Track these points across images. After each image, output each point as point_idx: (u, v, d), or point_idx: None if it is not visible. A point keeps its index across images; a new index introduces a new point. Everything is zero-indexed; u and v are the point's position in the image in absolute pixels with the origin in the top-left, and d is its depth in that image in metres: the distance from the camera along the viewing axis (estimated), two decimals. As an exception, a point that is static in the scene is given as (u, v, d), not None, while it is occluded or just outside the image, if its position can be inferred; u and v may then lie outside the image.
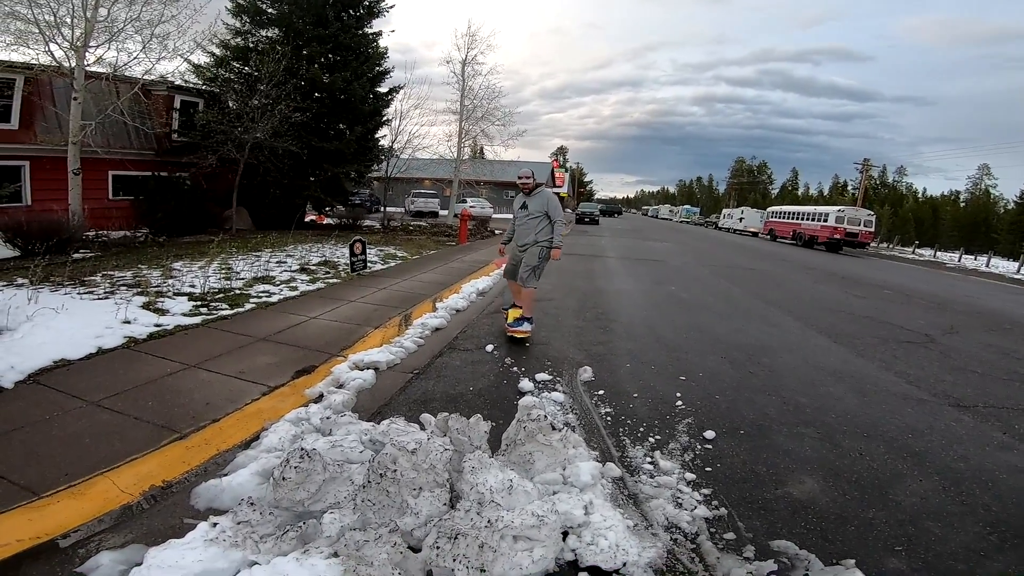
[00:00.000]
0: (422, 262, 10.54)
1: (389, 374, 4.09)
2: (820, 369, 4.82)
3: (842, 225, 25.51)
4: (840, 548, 2.24)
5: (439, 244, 14.62)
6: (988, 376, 4.98)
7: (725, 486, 2.70)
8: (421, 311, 6.02)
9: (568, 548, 2.13)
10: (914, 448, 3.25)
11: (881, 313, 8.16)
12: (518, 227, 5.35)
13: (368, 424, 3.04)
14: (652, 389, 4.00)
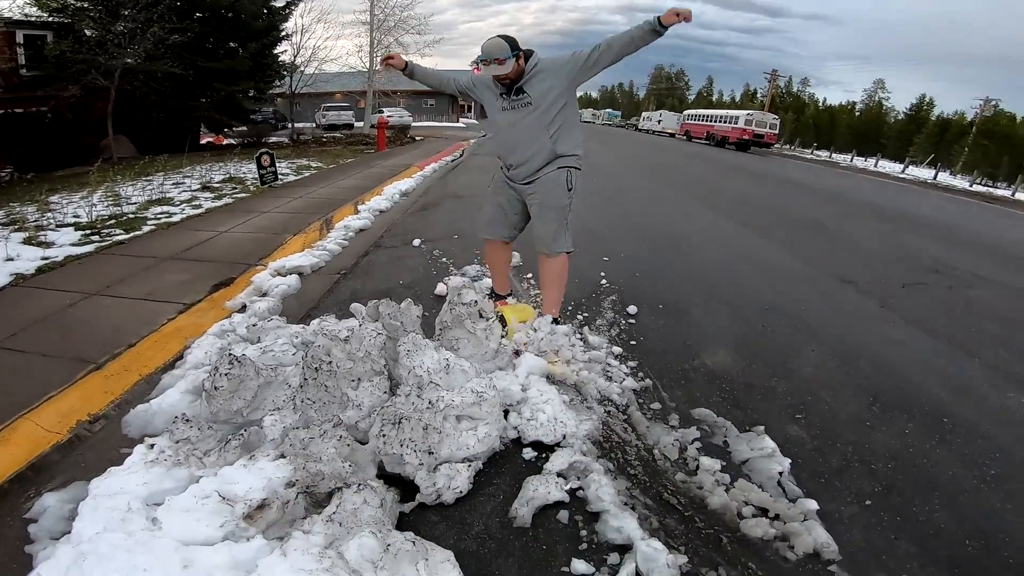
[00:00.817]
0: (340, 170, 9.93)
1: (314, 277, 3.95)
2: (730, 252, 5.22)
3: (750, 127, 27.51)
4: (750, 416, 2.44)
5: (357, 153, 13.84)
6: (871, 257, 5.62)
7: (649, 358, 2.89)
8: (343, 214, 5.76)
9: (511, 426, 2.18)
10: (808, 321, 3.62)
11: (782, 203, 8.87)
12: (505, 139, 2.84)
13: (298, 327, 2.94)
14: (578, 270, 4.16)
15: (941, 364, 3.12)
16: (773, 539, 1.73)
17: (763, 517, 1.82)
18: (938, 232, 7.79)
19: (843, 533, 1.75)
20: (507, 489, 1.88)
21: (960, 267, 5.43)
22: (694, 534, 1.74)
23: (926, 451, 2.26)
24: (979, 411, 2.62)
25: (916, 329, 3.63)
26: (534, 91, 2.67)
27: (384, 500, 1.69)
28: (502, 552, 1.63)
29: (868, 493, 1.97)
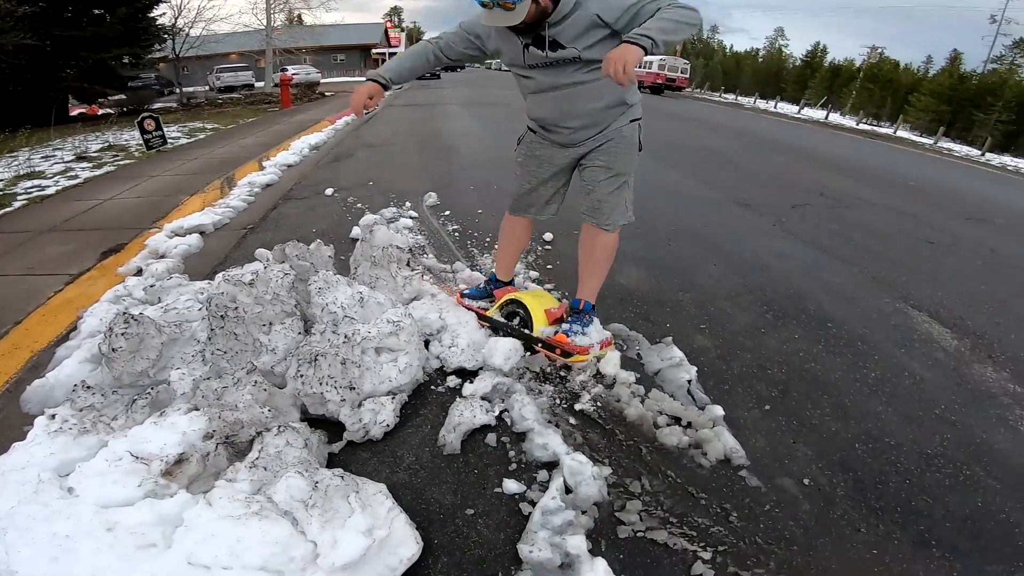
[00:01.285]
0: (240, 129, 9.22)
1: (218, 235, 3.72)
2: (643, 180, 5.42)
3: (664, 72, 28.39)
4: (660, 328, 2.60)
5: (259, 112, 12.88)
6: (767, 183, 6.07)
7: (565, 281, 2.98)
8: (245, 171, 5.40)
9: (432, 355, 2.18)
10: (711, 239, 3.90)
11: (692, 139, 9.31)
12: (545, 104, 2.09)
13: (202, 283, 2.78)
14: (496, 206, 4.21)
15: (824, 274, 3.48)
16: (687, 447, 1.83)
17: (676, 426, 1.92)
18: (825, 163, 8.51)
19: (748, 438, 1.90)
20: (434, 419, 1.89)
21: (842, 191, 6.01)
22: (616, 446, 1.82)
23: (814, 355, 2.51)
24: (858, 316, 2.94)
25: (803, 243, 4.01)
26: (580, 43, 1.87)
27: (309, 441, 1.67)
28: (435, 480, 1.65)
29: (766, 398, 2.17)
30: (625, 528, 1.52)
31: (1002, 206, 6.70)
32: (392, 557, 1.34)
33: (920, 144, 18.33)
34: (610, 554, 1.43)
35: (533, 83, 2.04)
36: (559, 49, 1.88)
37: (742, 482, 1.72)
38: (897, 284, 3.42)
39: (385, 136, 7.43)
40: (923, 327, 2.89)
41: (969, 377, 2.47)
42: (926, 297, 3.26)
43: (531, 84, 2.05)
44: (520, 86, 2.15)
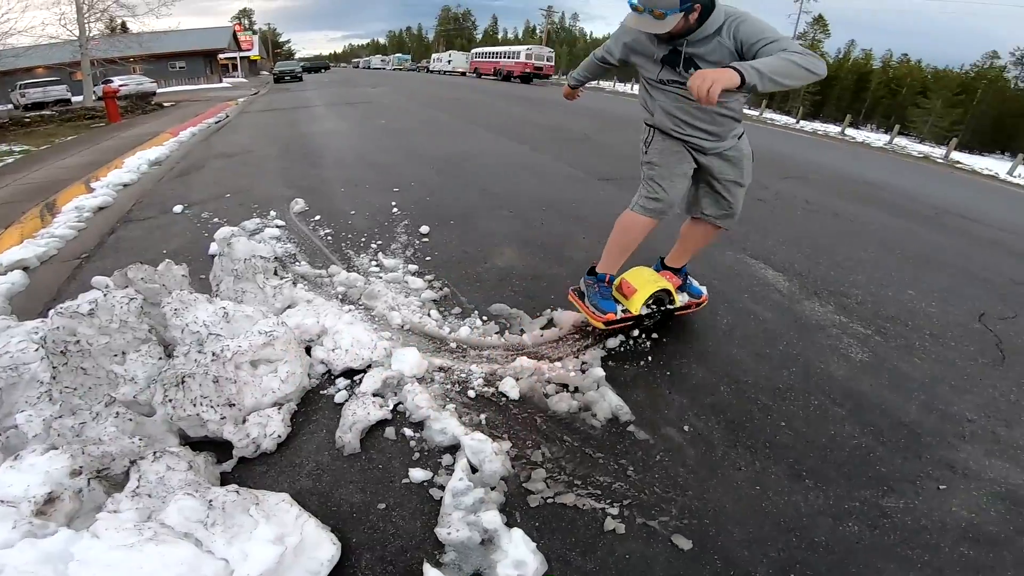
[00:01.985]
0: (58, 149, 7.97)
1: (46, 268, 3.24)
2: (511, 165, 5.67)
3: (531, 61, 29.62)
4: (539, 302, 2.74)
5: (80, 129, 11.21)
6: (623, 159, 6.56)
7: (444, 270, 3.04)
8: (71, 195, 4.70)
9: (316, 360, 2.13)
10: (578, 214, 4.15)
11: (555, 123, 9.81)
12: (672, 105, 2.11)
13: (35, 322, 2.41)
14: (368, 204, 4.14)
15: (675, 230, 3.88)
16: (578, 411, 1.94)
17: (565, 392, 2.02)
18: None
19: (630, 394, 2.06)
20: (328, 422, 1.86)
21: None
22: (512, 420, 1.88)
23: (710, 329, 2.70)
24: (709, 269, 3.31)
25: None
26: (711, 59, 1.85)
27: (194, 463, 1.60)
28: (341, 481, 1.63)
29: (642, 352, 2.37)
30: (535, 497, 1.60)
31: (814, 165, 7.93)
32: (311, 561, 1.33)
33: (749, 116, 20.91)
34: (525, 523, 1.50)
35: (669, 94, 2.07)
36: (692, 68, 1.87)
37: (632, 437, 1.87)
38: (736, 239, 3.92)
39: (242, 144, 6.87)
40: (760, 273, 3.36)
41: (801, 313, 2.91)
42: (760, 247, 3.79)
43: (667, 96, 2.09)
44: (655, 100, 2.15)
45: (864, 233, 4.49)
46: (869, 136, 21.01)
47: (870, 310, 3.04)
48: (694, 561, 1.46)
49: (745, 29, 1.78)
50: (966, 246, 4.71)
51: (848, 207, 5.32)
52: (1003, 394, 2.40)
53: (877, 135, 23.56)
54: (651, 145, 2.24)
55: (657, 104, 2.15)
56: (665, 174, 2.21)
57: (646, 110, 2.24)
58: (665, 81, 2.05)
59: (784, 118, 24.06)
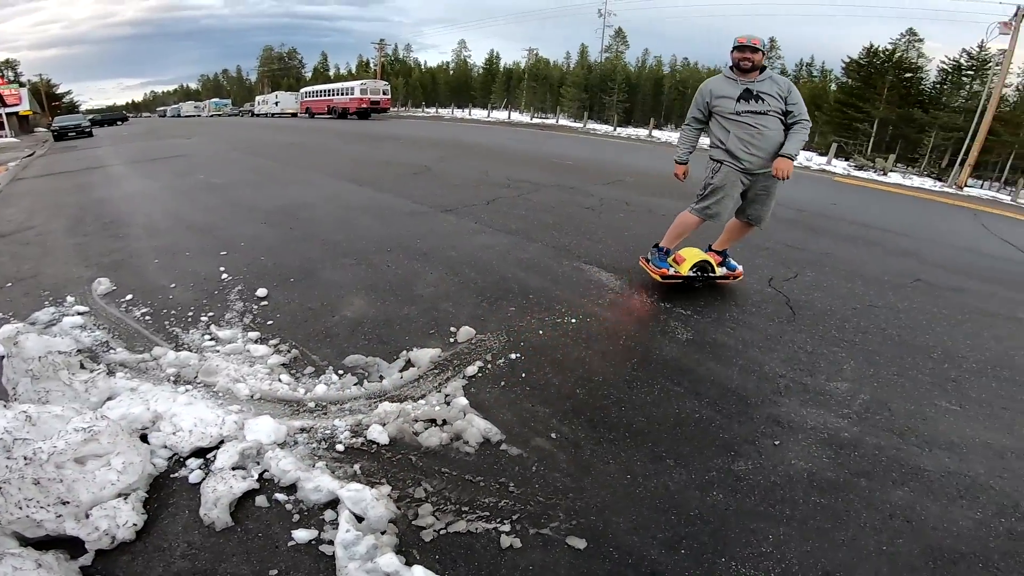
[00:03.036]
0: None
1: None
2: (351, 209, 5.52)
3: (366, 96, 29.29)
4: (394, 345, 2.70)
5: None
6: (463, 187, 6.78)
7: (290, 331, 2.87)
8: None
9: (158, 446, 1.99)
10: (423, 249, 4.17)
11: (396, 158, 9.82)
12: (751, 137, 3.14)
13: None
14: (191, 273, 3.73)
15: (519, 254, 4.09)
16: (450, 441, 1.97)
17: (433, 426, 2.04)
18: (507, 156, 10.02)
19: (497, 415, 2.13)
20: (189, 503, 1.76)
21: (523, 179, 7.17)
22: (387, 464, 1.87)
23: (527, 325, 2.94)
24: (550, 281, 3.55)
25: (500, 232, 4.64)
26: (770, 98, 3.11)
27: (43, 562, 1.50)
28: (221, 556, 1.56)
29: (500, 374, 2.46)
30: (427, 531, 1.61)
31: (629, 168, 8.99)
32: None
33: (574, 128, 23.06)
34: (425, 559, 1.51)
35: (746, 119, 3.14)
36: (760, 100, 3.10)
37: (506, 454, 1.94)
38: (571, 247, 4.27)
39: (18, 219, 5.69)
40: (595, 277, 3.69)
41: (634, 307, 3.25)
42: (592, 253, 4.16)
43: (744, 119, 3.14)
44: (731, 124, 3.19)
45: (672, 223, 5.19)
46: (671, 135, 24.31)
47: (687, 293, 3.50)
48: (593, 557, 1.55)
49: (795, 94, 3.14)
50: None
51: (660, 203, 6.10)
52: (800, 346, 2.93)
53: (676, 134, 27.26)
54: (717, 173, 3.28)
55: (731, 135, 3.18)
56: (722, 196, 3.29)
57: (718, 145, 3.25)
58: (740, 112, 3.14)
59: (604, 127, 26.84)
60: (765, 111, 3.11)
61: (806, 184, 11.01)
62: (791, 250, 4.70)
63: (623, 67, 48.98)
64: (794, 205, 7.28)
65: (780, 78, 3.20)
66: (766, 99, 3.10)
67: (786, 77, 3.36)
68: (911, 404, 2.45)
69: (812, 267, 4.28)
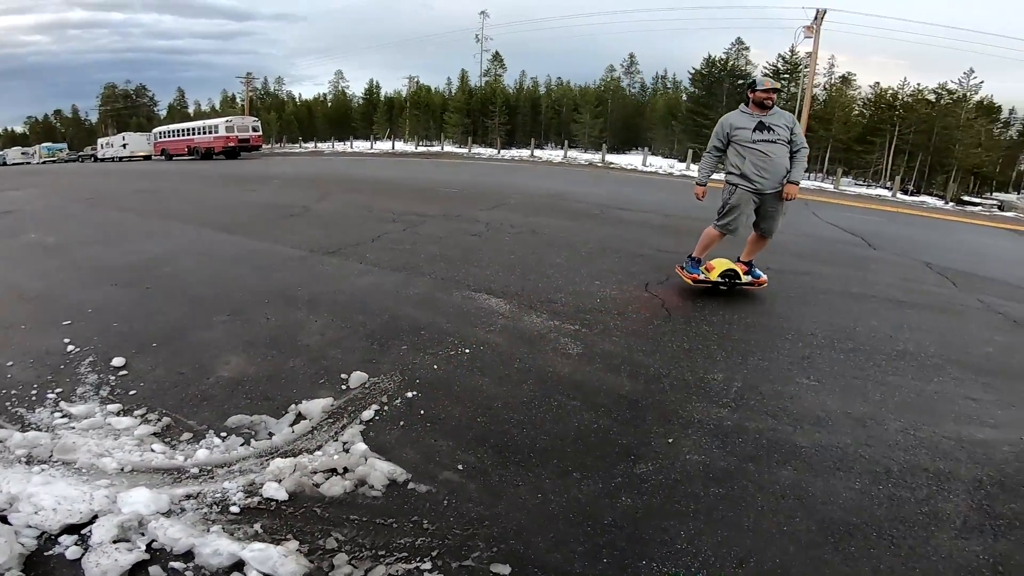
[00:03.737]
0: None
1: None
2: (220, 260, 5.07)
3: (233, 133, 27.23)
4: (281, 400, 2.54)
5: None
6: (347, 226, 6.53)
7: (158, 399, 2.60)
8: None
9: (21, 526, 1.84)
10: (306, 297, 3.93)
11: (271, 198, 9.23)
12: (764, 163, 3.73)
13: None
14: (29, 349, 3.20)
15: (408, 290, 4.02)
16: (354, 488, 1.91)
17: (334, 476, 1.99)
18: (392, 189, 9.92)
19: (400, 455, 2.08)
20: None
21: (408, 211, 7.10)
22: (290, 519, 1.80)
23: (421, 361, 2.89)
24: (441, 314, 3.52)
25: (386, 270, 4.54)
26: (779, 129, 3.72)
27: None
28: None
29: (399, 414, 2.40)
30: None
31: (512, 189, 9.29)
32: None
33: (459, 154, 23.45)
34: None
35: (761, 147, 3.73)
36: (772, 131, 3.71)
37: (415, 492, 1.91)
38: (460, 277, 4.29)
39: None
40: (485, 303, 3.73)
41: (525, 329, 3.33)
42: (481, 280, 4.21)
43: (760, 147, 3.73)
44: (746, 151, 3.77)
45: (556, 242, 5.44)
46: (551, 154, 25.67)
47: (573, 308, 3.67)
48: (520, 581, 1.53)
49: (798, 126, 3.86)
50: (624, 231, 6.11)
51: (542, 221, 6.38)
52: (679, 345, 3.18)
53: (556, 152, 28.87)
54: (733, 195, 3.85)
55: (747, 160, 3.75)
56: (738, 214, 3.87)
57: (734, 170, 3.83)
58: (756, 141, 3.72)
59: (488, 150, 27.60)
60: (775, 140, 3.72)
61: (671, 190, 12.12)
62: (663, 254, 5.12)
63: (502, 90, 50.77)
64: (662, 211, 7.98)
65: (786, 113, 3.87)
66: (776, 130, 3.72)
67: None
68: (778, 385, 2.76)
69: (681, 268, 4.70)
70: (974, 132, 32.97)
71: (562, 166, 17.24)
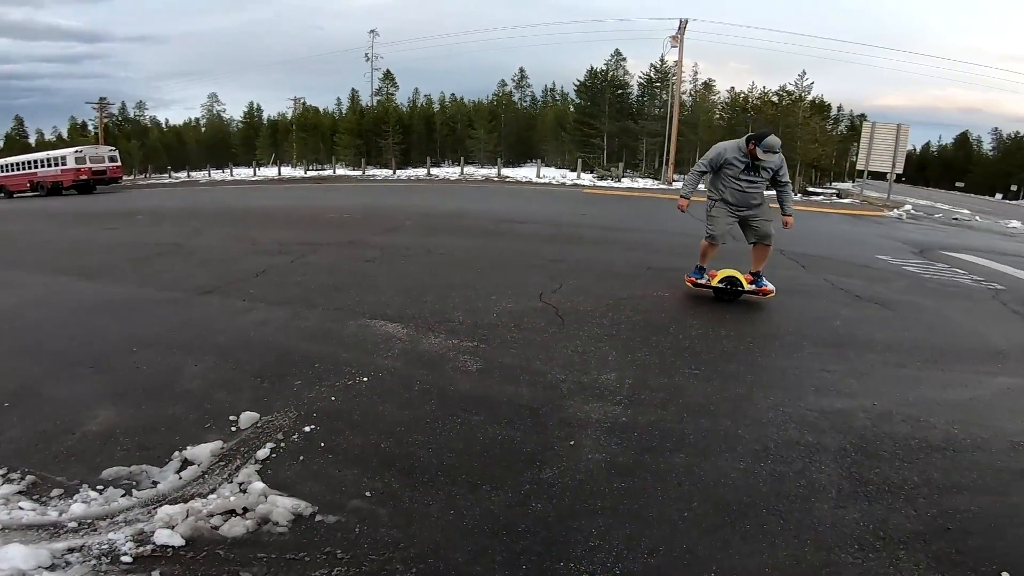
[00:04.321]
0: None
1: None
2: (77, 309, 4.48)
3: (86, 165, 24.06)
4: (164, 448, 2.34)
5: None
6: (227, 261, 6.00)
7: (18, 460, 2.32)
8: None
9: None
10: (181, 341, 3.60)
11: (135, 236, 8.33)
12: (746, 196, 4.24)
13: None
14: None
15: (299, 323, 3.84)
16: (258, 526, 1.84)
17: (234, 516, 1.90)
18: (278, 218, 9.38)
19: (304, 489, 2.01)
20: None
21: (299, 241, 6.75)
22: (190, 563, 1.72)
23: (318, 395, 2.77)
24: (337, 345, 3.40)
25: (274, 305, 4.28)
26: (766, 173, 4.16)
27: None
28: None
29: (301, 448, 2.32)
30: None
31: (406, 211, 9.21)
32: None
33: (353, 177, 22.77)
34: None
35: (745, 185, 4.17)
36: (760, 174, 4.12)
37: (324, 524, 1.85)
38: (354, 306, 4.17)
39: None
40: (382, 330, 3.66)
41: (424, 351, 3.30)
42: (376, 307, 4.13)
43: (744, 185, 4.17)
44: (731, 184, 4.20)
45: (452, 260, 5.49)
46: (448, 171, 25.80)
47: (471, 325, 3.72)
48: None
49: (784, 167, 4.24)
50: (517, 245, 6.31)
51: (438, 241, 6.39)
52: (573, 350, 3.33)
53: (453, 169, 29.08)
54: (715, 207, 4.30)
55: (728, 190, 4.20)
56: (718, 223, 4.29)
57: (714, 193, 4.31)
58: (740, 179, 4.14)
59: (383, 171, 27.07)
60: (757, 181, 4.18)
61: (563, 201, 12.72)
62: (554, 264, 5.35)
63: (395, 109, 49.93)
64: (551, 222, 8.35)
65: (775, 158, 4.12)
66: (763, 173, 4.14)
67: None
68: (664, 378, 2.99)
69: (572, 275, 4.95)
70: (811, 129, 38.01)
71: (459, 183, 17.39)
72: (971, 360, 3.49)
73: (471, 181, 17.94)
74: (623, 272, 5.13)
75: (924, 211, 14.70)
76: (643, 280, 4.87)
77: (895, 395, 2.90)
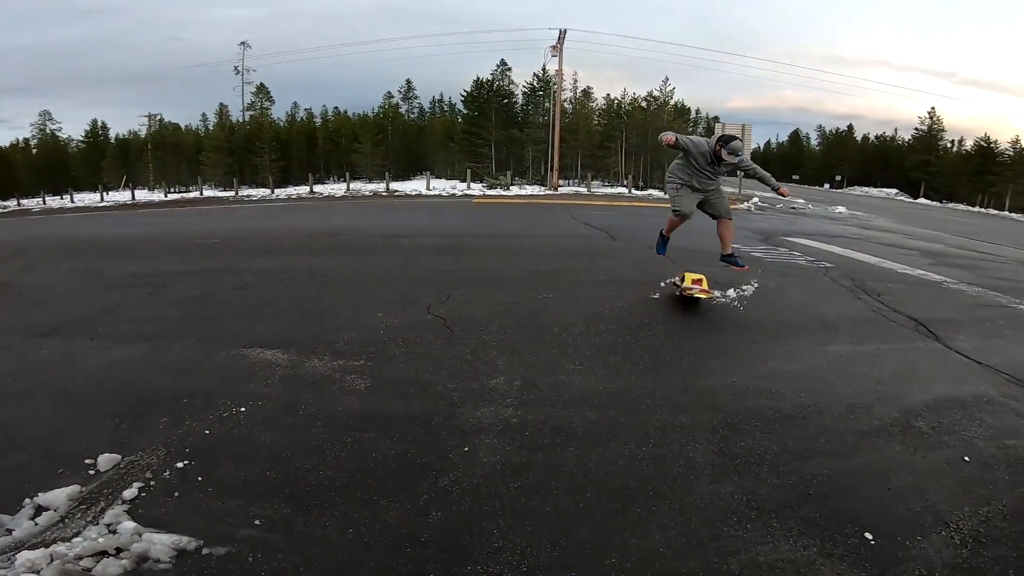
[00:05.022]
0: None
1: None
2: None
3: None
4: (11, 496, 2.11)
5: None
6: (68, 299, 5.20)
7: None
8: None
9: None
10: (14, 390, 3.11)
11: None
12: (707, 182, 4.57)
13: None
14: None
15: (159, 360, 3.48)
16: (136, 565, 1.74)
17: (106, 557, 1.79)
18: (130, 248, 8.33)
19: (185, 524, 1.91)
20: None
21: (156, 272, 6.01)
22: None
23: (189, 430, 2.54)
24: (205, 377, 3.16)
25: (129, 342, 3.81)
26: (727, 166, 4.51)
27: None
28: None
29: (175, 484, 2.16)
30: None
31: (289, 232, 8.69)
32: None
33: (224, 198, 20.99)
34: None
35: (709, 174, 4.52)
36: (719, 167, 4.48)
37: (212, 557, 1.75)
38: (226, 335, 3.87)
39: None
40: (260, 357, 3.43)
41: (307, 375, 3.16)
42: (253, 334, 3.85)
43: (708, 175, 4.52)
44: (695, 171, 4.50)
45: (336, 280, 5.30)
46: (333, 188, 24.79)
47: (357, 344, 3.62)
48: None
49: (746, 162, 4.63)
50: (405, 259, 6.25)
51: (319, 262, 6.13)
52: (462, 359, 3.36)
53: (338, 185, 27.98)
54: (680, 190, 4.57)
55: (694, 175, 4.47)
56: (684, 202, 4.56)
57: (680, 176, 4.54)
58: (706, 170, 4.44)
59: (261, 191, 25.27)
60: (719, 173, 4.55)
61: (452, 212, 12.81)
62: (443, 275, 5.39)
63: (271, 124, 46.61)
64: (440, 234, 8.38)
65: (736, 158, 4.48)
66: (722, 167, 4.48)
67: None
68: (551, 376, 3.13)
69: (461, 285, 5.01)
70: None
71: (345, 199, 16.76)
72: (808, 332, 4.07)
73: (358, 197, 17.38)
74: (510, 278, 5.29)
75: (768, 202, 16.87)
76: (529, 284, 5.06)
77: (750, 371, 3.29)
